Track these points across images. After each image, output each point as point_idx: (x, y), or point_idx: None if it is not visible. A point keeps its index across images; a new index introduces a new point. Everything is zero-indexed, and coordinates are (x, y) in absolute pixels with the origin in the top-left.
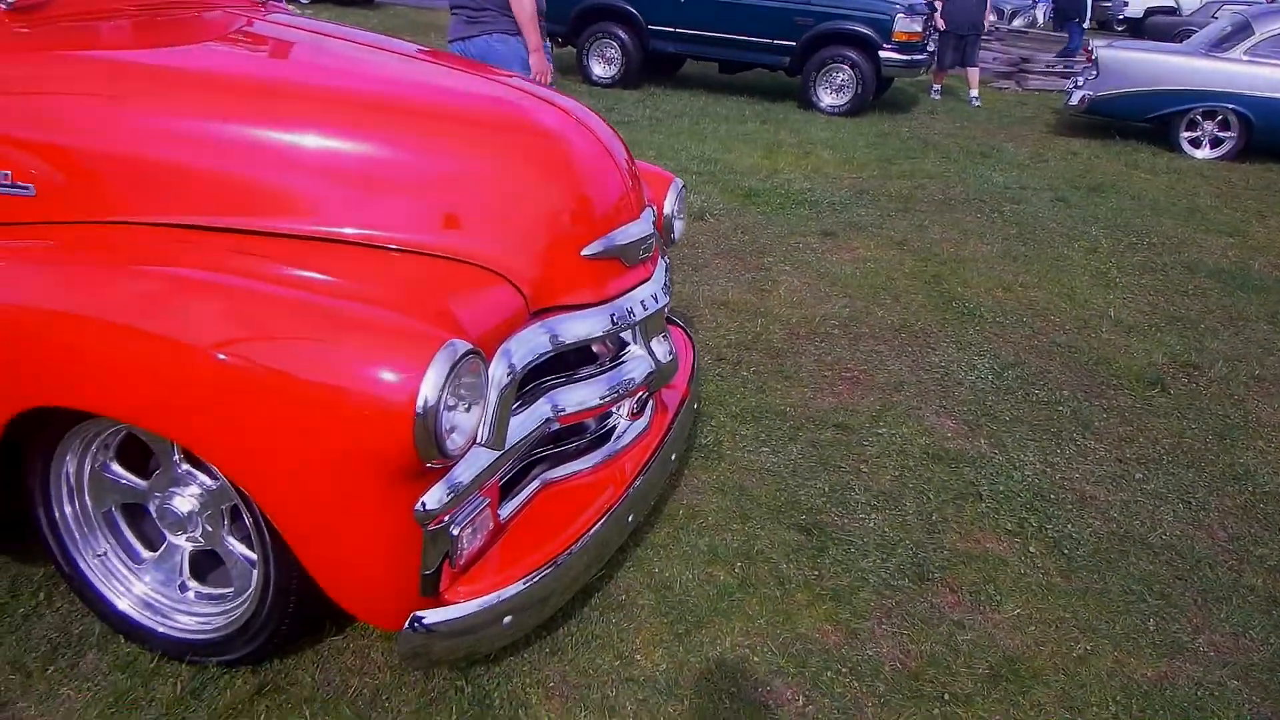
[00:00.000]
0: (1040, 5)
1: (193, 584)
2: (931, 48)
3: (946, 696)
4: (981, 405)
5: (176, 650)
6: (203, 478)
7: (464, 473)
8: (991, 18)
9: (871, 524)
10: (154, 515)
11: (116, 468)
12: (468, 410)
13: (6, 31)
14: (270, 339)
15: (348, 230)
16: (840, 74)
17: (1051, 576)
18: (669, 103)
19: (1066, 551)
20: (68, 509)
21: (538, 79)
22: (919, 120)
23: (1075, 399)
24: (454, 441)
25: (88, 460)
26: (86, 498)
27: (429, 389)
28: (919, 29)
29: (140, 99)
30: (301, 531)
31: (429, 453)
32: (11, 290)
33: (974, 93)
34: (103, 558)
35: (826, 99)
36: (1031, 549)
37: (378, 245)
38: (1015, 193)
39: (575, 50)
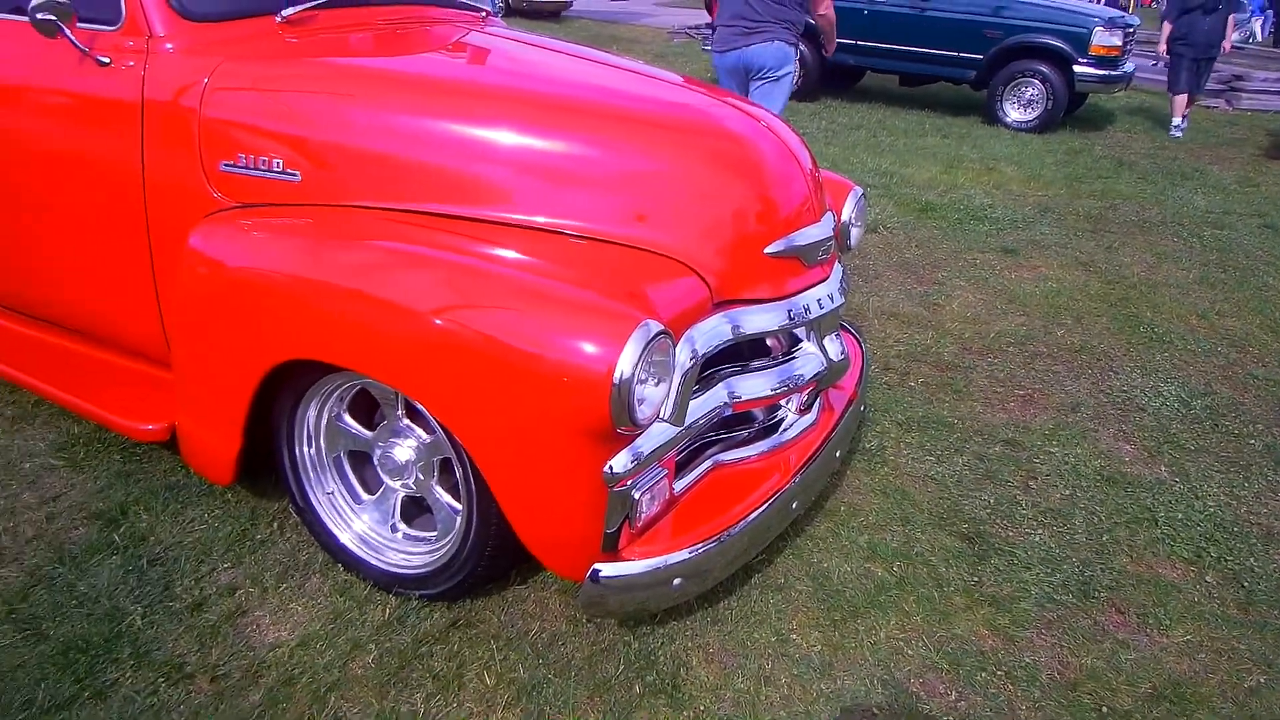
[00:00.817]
0: (1258, 18)
1: (402, 525)
2: (1130, 65)
3: (1104, 709)
4: (1165, 432)
5: (385, 582)
6: (419, 431)
7: (647, 443)
8: (1235, 36)
9: (1037, 539)
10: (375, 462)
11: (348, 419)
12: (656, 385)
13: (280, 40)
14: (485, 309)
15: (552, 220)
16: (1030, 88)
17: (1227, 608)
18: (845, 115)
19: (1246, 585)
20: (308, 450)
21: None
22: (1114, 139)
23: (1270, 433)
24: (642, 412)
25: (326, 410)
26: (322, 442)
27: (625, 362)
28: (1118, 43)
29: (379, 99)
30: (505, 483)
31: (621, 419)
32: (279, 259)
33: (1177, 120)
34: (330, 496)
35: (1014, 114)
36: (1208, 579)
37: (578, 235)
38: (1218, 217)
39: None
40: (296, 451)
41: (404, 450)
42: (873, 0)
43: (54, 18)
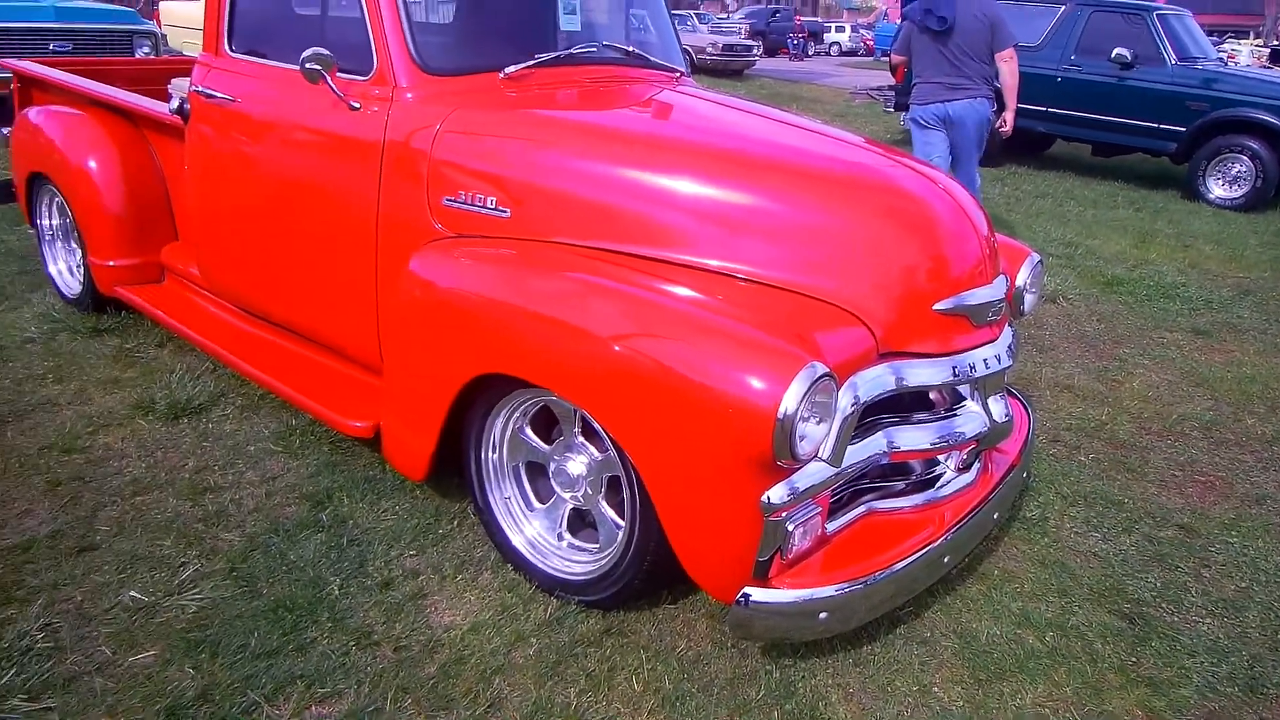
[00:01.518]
0: None
1: (567, 535)
2: None
3: None
4: None
5: (549, 585)
6: (592, 449)
7: (804, 479)
8: None
9: (1204, 627)
10: (549, 474)
11: (529, 432)
12: (817, 424)
13: (502, 94)
14: (663, 339)
15: (728, 264)
16: (1237, 164)
17: None
18: (1030, 182)
19: None
20: (491, 457)
21: (1007, 131)
22: None
23: None
24: (802, 448)
25: (511, 423)
26: (504, 451)
27: (790, 399)
28: None
29: (580, 148)
30: (668, 502)
31: (781, 453)
32: (486, 284)
33: None
34: (507, 500)
35: (1217, 190)
36: None
37: (752, 279)
38: None
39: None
40: (482, 457)
41: (576, 465)
42: (1066, 66)
43: (319, 67)
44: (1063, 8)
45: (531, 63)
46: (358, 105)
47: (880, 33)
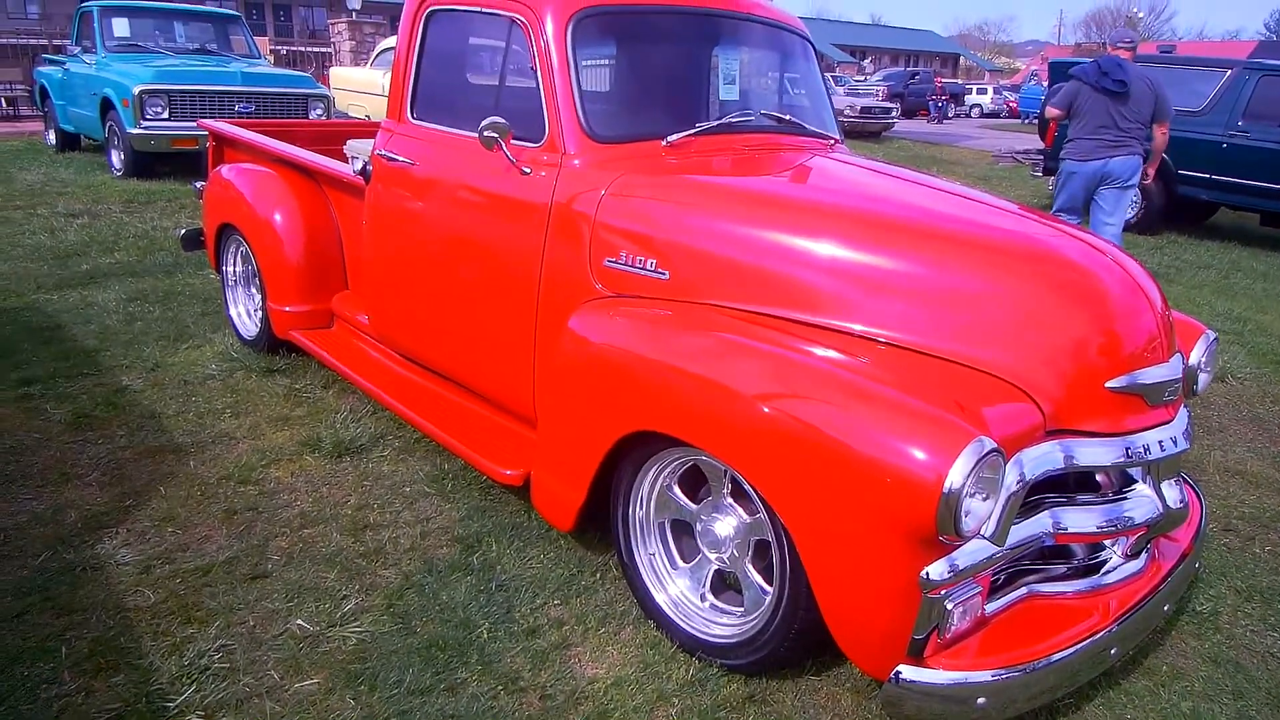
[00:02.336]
0: None
1: (710, 596)
2: None
3: None
4: None
5: (691, 645)
6: (741, 511)
7: (964, 557)
8: None
9: None
10: (696, 534)
11: (676, 490)
12: (983, 500)
13: (662, 161)
14: (821, 405)
15: (893, 333)
16: None
17: None
18: (1192, 252)
19: None
20: (639, 513)
21: (1149, 182)
22: None
23: None
24: (966, 525)
25: (659, 480)
26: (651, 508)
27: (956, 474)
28: None
29: (737, 214)
30: (821, 571)
31: (945, 528)
32: (644, 343)
33: None
34: (652, 557)
35: None
36: None
37: (916, 349)
38: None
39: None
40: (629, 513)
41: (724, 526)
42: (1233, 132)
43: (496, 135)
44: (1229, 71)
45: (692, 131)
46: (528, 170)
47: (1026, 95)
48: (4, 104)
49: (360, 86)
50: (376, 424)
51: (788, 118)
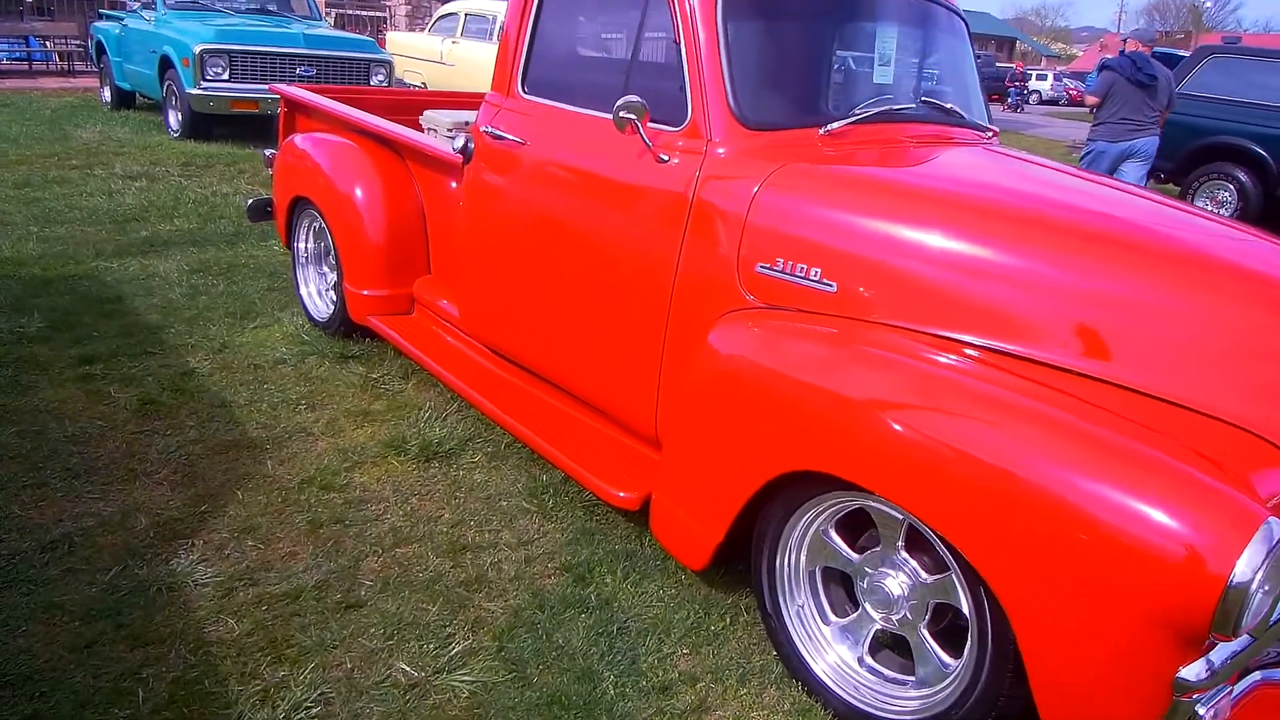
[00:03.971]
0: None
1: (868, 658)
2: None
3: None
4: None
5: (845, 712)
6: (918, 567)
7: (1221, 654)
8: None
9: None
10: (860, 590)
11: (835, 536)
12: (1265, 594)
13: (820, 152)
14: (1053, 458)
15: (1109, 369)
16: None
17: None
18: None
19: None
20: (789, 561)
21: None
22: None
23: None
24: (1246, 622)
25: (815, 524)
26: (803, 556)
27: (1245, 565)
28: None
29: (925, 221)
30: (1044, 658)
31: (1223, 627)
32: (808, 368)
33: None
34: (800, 609)
35: None
36: None
37: (1140, 391)
38: None
39: (1178, 189)
40: (777, 560)
41: (896, 583)
42: None
43: (632, 116)
44: None
45: (853, 119)
46: (666, 158)
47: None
48: (59, 59)
49: (417, 53)
50: (463, 424)
51: (950, 106)
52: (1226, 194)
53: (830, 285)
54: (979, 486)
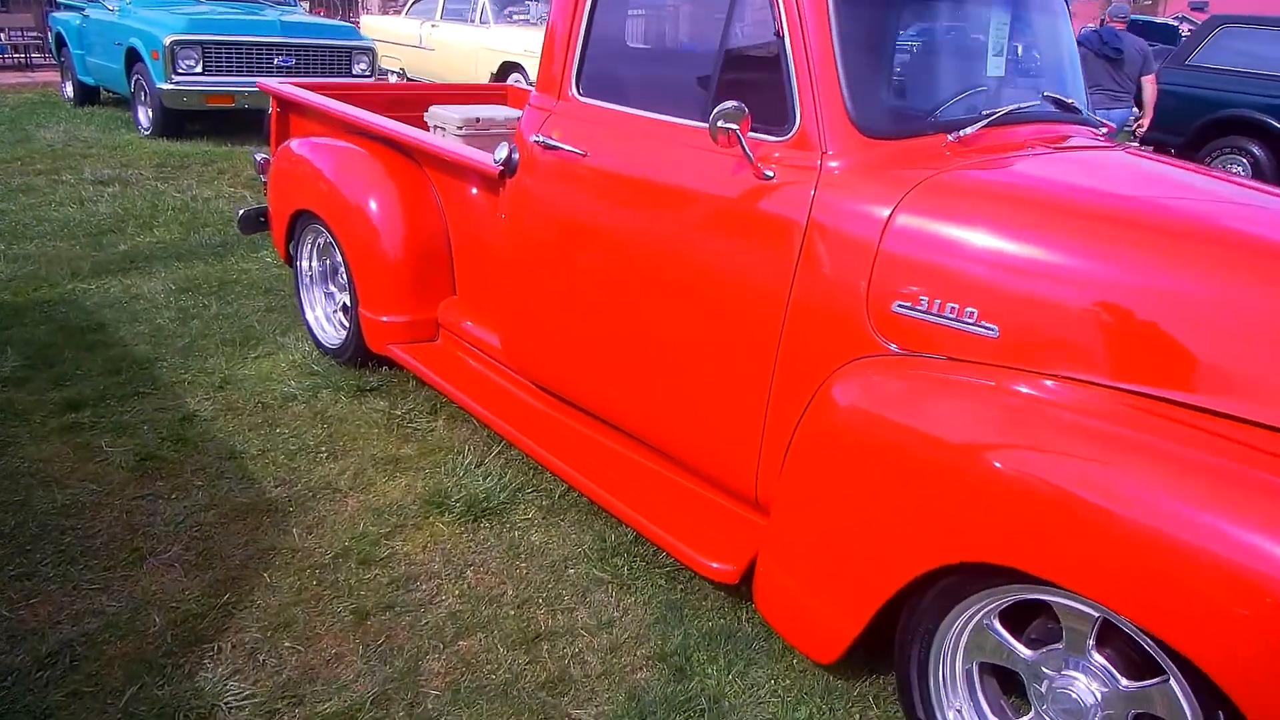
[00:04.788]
0: None
1: None
2: None
3: None
4: None
5: None
6: (1114, 672)
7: None
8: None
9: None
10: (1037, 692)
11: (1001, 629)
12: None
13: (956, 163)
14: None
15: None
16: None
17: None
18: None
19: None
20: (945, 659)
21: (1144, 130)
22: None
23: None
24: None
25: (978, 616)
26: (960, 652)
27: None
28: None
29: (1107, 246)
30: None
31: None
32: (968, 433)
33: None
34: (958, 713)
35: None
36: None
37: None
38: None
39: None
40: (931, 658)
41: (1085, 689)
42: None
43: (733, 125)
44: None
45: (983, 122)
46: (771, 174)
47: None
48: (14, 52)
49: (394, 38)
50: (509, 470)
51: (1070, 101)
52: (1239, 168)
53: (990, 329)
54: (1221, 587)
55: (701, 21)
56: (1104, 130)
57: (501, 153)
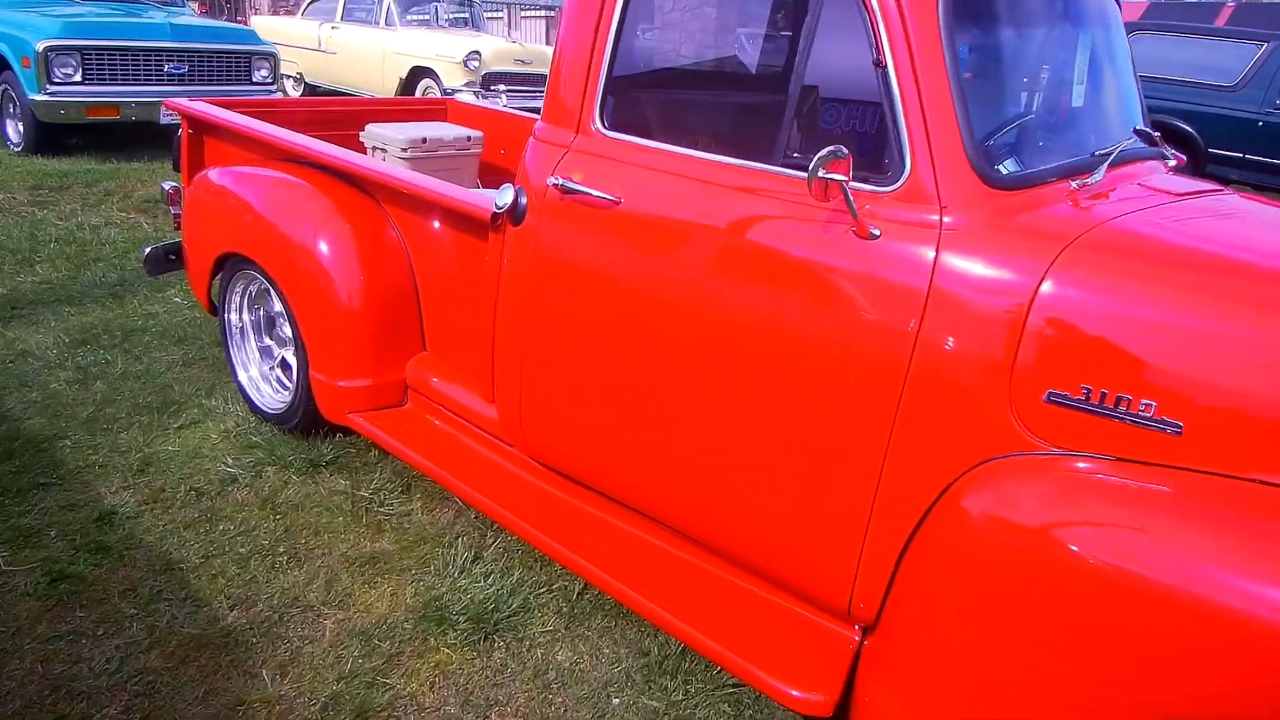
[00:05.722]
0: None
1: None
2: None
3: None
4: None
5: None
6: None
7: None
8: None
9: None
10: None
11: None
12: None
13: (1087, 212)
14: None
15: None
16: None
17: None
18: None
19: None
20: None
21: None
22: None
23: None
24: None
25: None
26: None
27: None
28: None
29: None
30: None
31: None
32: (1166, 562)
33: None
34: None
35: None
36: None
37: None
38: None
39: None
40: None
41: None
42: (1270, 110)
43: (839, 176)
44: (1266, 45)
45: (1104, 164)
46: (878, 233)
47: None
48: None
49: (290, 40)
50: (511, 564)
51: (1154, 135)
52: None
53: (1170, 425)
54: None
55: (769, 41)
56: (1174, 163)
57: (506, 197)
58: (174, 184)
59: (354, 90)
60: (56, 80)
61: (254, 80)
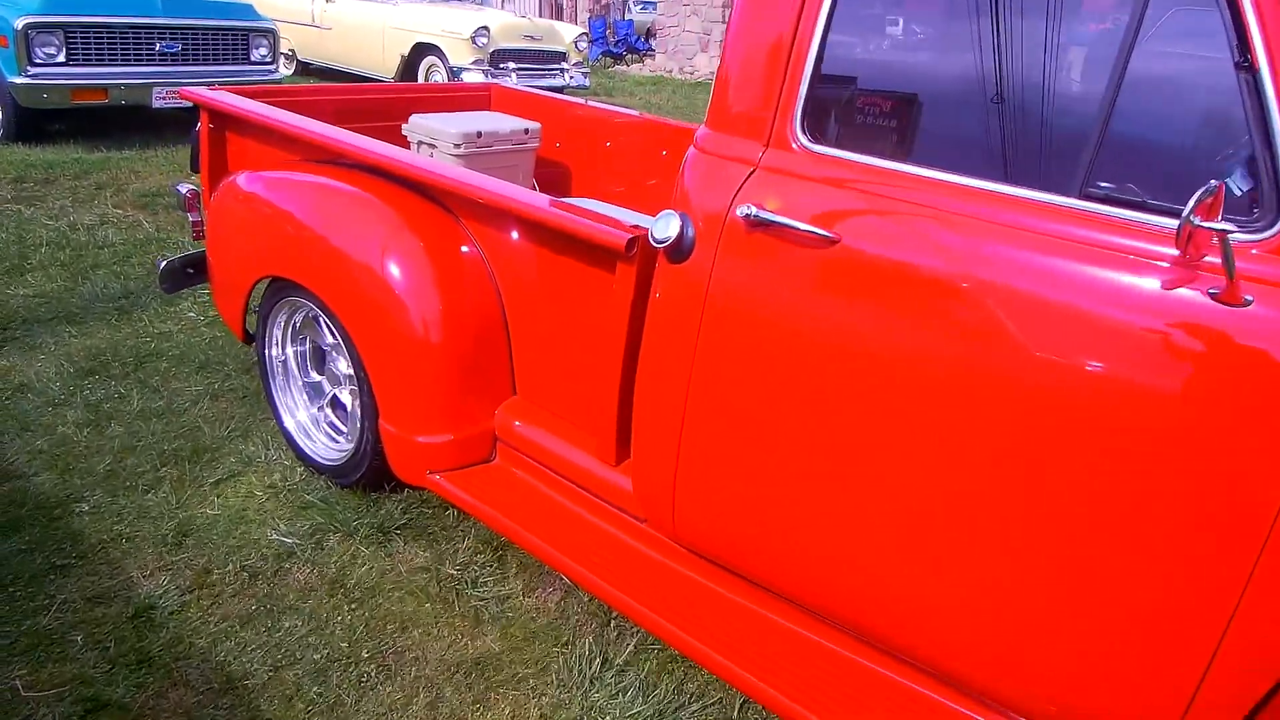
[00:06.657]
0: None
1: None
2: None
3: None
4: None
5: None
6: None
7: None
8: None
9: None
10: None
11: None
12: None
13: None
14: None
15: None
16: None
17: None
18: None
19: None
20: None
21: None
22: None
23: None
24: None
25: None
26: None
27: None
28: None
29: None
30: None
31: None
32: None
33: None
34: None
35: None
36: None
37: None
38: None
39: None
40: None
41: None
42: None
43: (1222, 226)
44: None
45: None
46: (1250, 299)
47: None
48: None
49: (281, 14)
50: (646, 666)
51: None
52: None
53: None
54: None
55: (1072, 35)
56: None
57: (669, 227)
58: (191, 186)
59: (351, 69)
60: (38, 61)
61: (252, 59)
